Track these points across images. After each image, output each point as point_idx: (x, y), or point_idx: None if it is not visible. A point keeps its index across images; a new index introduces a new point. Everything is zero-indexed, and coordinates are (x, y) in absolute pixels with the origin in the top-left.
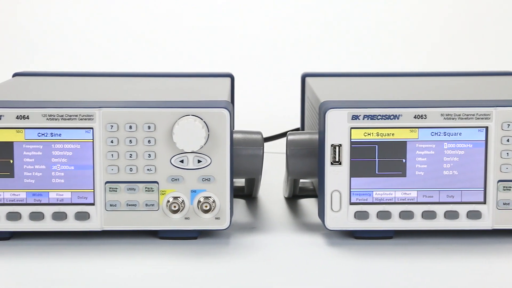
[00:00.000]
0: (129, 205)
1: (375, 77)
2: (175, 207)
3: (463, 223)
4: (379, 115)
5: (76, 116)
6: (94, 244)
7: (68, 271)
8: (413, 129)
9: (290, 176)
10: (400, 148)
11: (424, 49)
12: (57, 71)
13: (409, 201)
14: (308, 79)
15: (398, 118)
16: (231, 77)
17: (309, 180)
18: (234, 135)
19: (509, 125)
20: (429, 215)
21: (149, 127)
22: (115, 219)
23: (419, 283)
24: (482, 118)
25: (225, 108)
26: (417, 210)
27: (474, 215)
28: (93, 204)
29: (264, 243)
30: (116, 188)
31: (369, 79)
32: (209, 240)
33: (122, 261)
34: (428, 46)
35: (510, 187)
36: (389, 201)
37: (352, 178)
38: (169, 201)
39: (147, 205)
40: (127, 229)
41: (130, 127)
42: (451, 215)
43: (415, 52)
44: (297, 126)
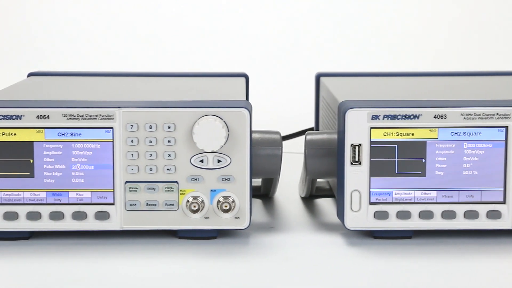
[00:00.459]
0: (149, 204)
1: (389, 76)
2: (194, 206)
3: (482, 223)
4: (399, 115)
5: (96, 116)
6: (114, 244)
7: (87, 270)
8: (433, 129)
9: (308, 176)
10: (419, 148)
11: (433, 48)
12: (73, 71)
13: (429, 201)
14: (323, 78)
15: (418, 118)
16: (246, 77)
17: (325, 180)
18: (253, 135)
19: None
20: (448, 215)
21: (169, 127)
22: (134, 218)
23: (438, 283)
24: (502, 118)
25: (245, 108)
26: (437, 210)
27: (494, 215)
28: (113, 204)
29: (284, 243)
30: (136, 188)
31: (384, 79)
32: (229, 240)
33: (142, 261)
34: (438, 45)
35: None
36: (409, 201)
37: (371, 178)
38: (188, 200)
39: (166, 204)
40: (147, 228)
41: (150, 127)
42: (471, 215)
43: (424, 51)
44: (311, 125)
